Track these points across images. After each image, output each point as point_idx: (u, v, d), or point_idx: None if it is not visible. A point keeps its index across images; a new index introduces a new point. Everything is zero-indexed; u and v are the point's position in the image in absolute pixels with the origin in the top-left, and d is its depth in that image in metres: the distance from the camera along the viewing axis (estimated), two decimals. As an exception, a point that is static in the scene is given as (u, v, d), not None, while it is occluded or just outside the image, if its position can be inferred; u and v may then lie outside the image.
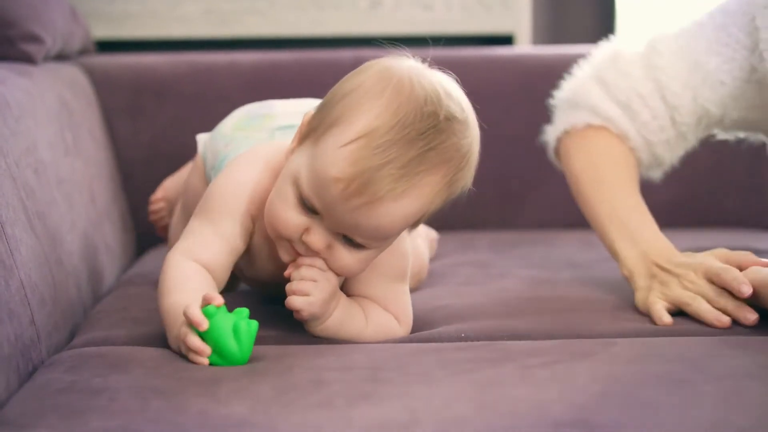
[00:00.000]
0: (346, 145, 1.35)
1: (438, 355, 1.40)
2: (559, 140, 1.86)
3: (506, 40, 2.57)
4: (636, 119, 1.78)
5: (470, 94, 2.35)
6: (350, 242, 1.41)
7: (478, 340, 1.50)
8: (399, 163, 1.34)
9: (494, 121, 2.33)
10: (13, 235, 1.49)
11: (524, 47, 2.56)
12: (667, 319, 1.55)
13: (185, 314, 1.35)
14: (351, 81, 1.42)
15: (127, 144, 2.31)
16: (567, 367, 1.33)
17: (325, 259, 1.42)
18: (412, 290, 1.73)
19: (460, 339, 1.51)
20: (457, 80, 1.48)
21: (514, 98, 2.36)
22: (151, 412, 1.20)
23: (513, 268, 1.96)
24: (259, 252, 1.53)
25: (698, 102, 1.76)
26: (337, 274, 1.44)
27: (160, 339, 1.47)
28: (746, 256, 1.57)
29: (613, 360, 1.36)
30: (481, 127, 2.33)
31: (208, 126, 2.16)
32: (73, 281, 1.71)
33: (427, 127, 1.36)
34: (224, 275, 1.49)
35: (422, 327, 1.53)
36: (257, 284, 1.63)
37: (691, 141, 1.80)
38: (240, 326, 1.36)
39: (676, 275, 1.60)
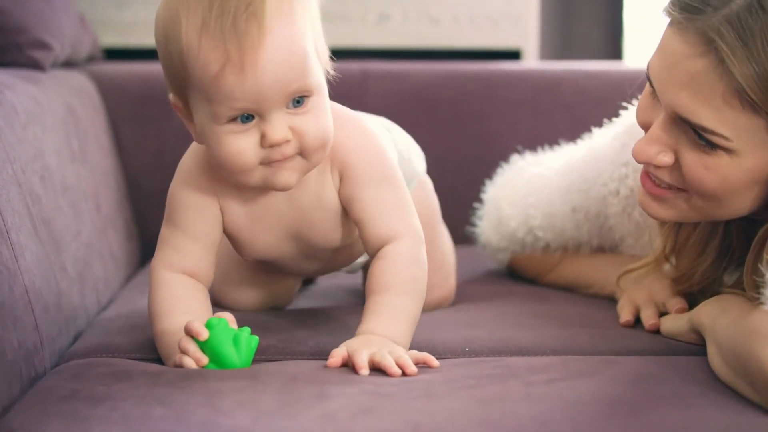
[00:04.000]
0: (197, 50, 1.34)
1: (441, 370, 1.40)
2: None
3: (513, 55, 2.57)
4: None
5: (477, 109, 2.36)
6: (298, 104, 1.38)
7: (483, 355, 1.50)
8: (242, 5, 1.34)
9: (500, 136, 2.34)
10: (18, 241, 1.49)
11: (531, 62, 2.56)
12: (623, 319, 1.64)
13: (186, 327, 1.37)
14: (158, 31, 1.41)
15: (133, 152, 2.31)
16: (570, 385, 1.33)
17: (298, 152, 1.40)
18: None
19: (464, 353, 1.51)
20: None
21: (521, 113, 2.36)
22: (154, 421, 1.21)
23: (517, 283, 1.95)
24: (246, 230, 1.52)
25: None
26: (315, 154, 1.41)
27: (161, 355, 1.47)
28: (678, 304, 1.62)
29: (616, 379, 1.36)
30: (488, 141, 2.34)
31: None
32: (77, 288, 1.71)
33: None
34: (210, 272, 1.51)
35: (426, 342, 1.53)
36: (270, 264, 1.61)
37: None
38: (240, 337, 1.37)
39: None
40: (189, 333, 1.37)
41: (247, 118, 1.37)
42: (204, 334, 1.36)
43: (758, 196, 1.42)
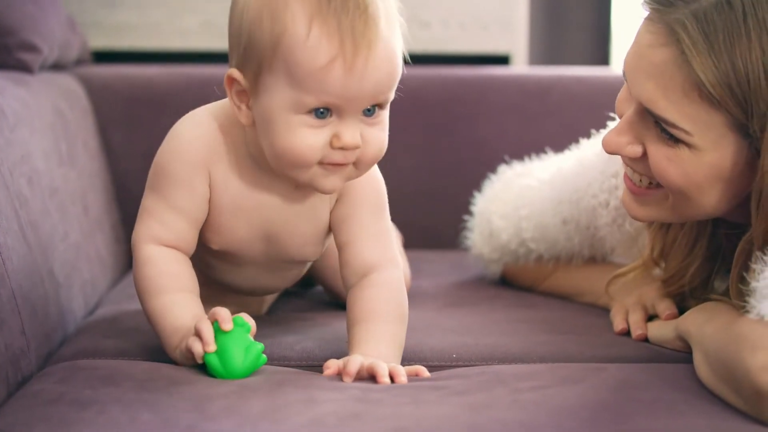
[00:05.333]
0: (306, 36, 1.34)
1: (429, 376, 1.40)
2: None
3: (503, 60, 2.58)
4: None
5: (466, 113, 2.36)
6: (370, 113, 1.39)
7: (470, 362, 1.50)
8: (361, 6, 1.35)
9: (489, 141, 2.34)
10: (6, 244, 1.49)
11: (520, 67, 2.56)
12: (617, 327, 1.63)
13: (212, 312, 1.36)
14: (249, 2, 1.39)
15: (121, 155, 2.30)
16: (557, 392, 1.33)
17: (357, 159, 1.40)
18: None
19: (451, 360, 1.51)
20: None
21: (510, 118, 2.36)
22: (140, 426, 1.20)
23: (505, 289, 1.95)
24: (227, 214, 1.49)
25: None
26: (368, 166, 1.43)
27: (150, 351, 1.47)
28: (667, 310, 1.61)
29: (603, 386, 1.36)
30: (477, 146, 2.34)
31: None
32: (64, 291, 1.71)
33: None
34: (192, 246, 1.49)
35: (414, 348, 1.53)
36: (230, 265, 1.58)
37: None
38: (253, 348, 1.36)
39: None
40: (213, 318, 1.36)
41: (323, 113, 1.37)
42: (228, 325, 1.35)
43: (725, 194, 1.43)
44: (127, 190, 2.30)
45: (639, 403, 1.30)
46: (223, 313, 1.36)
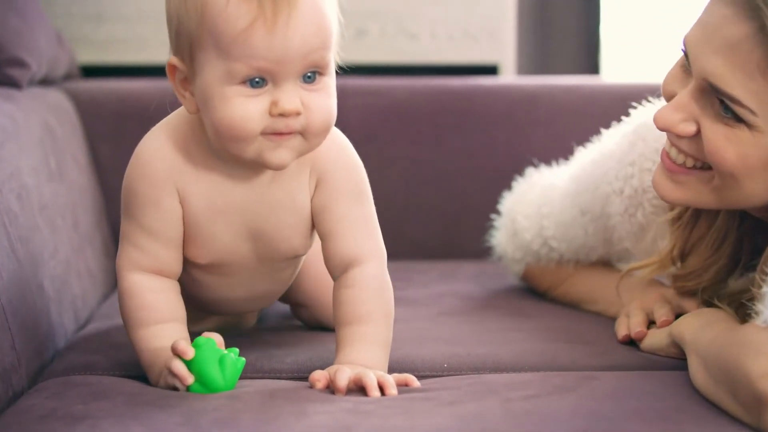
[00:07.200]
0: (227, 3, 1.33)
1: (420, 387, 1.40)
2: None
3: (491, 70, 2.58)
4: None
5: (455, 124, 2.37)
6: (310, 79, 1.37)
7: (462, 371, 1.50)
8: None
9: (478, 151, 2.34)
10: (-5, 260, 1.49)
11: (509, 77, 2.57)
12: (621, 335, 1.62)
13: (172, 346, 1.36)
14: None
15: (110, 170, 2.30)
16: (549, 402, 1.33)
17: (301, 131, 1.38)
18: None
19: (442, 369, 1.51)
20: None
21: (498, 128, 2.36)
22: (132, 441, 1.20)
23: (495, 298, 1.95)
24: (205, 223, 1.47)
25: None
26: (317, 136, 1.39)
27: (141, 366, 1.46)
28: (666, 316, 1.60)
29: (595, 395, 1.36)
30: (466, 156, 2.34)
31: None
32: (54, 306, 1.70)
33: None
34: (176, 266, 1.47)
35: (405, 358, 1.53)
36: (224, 277, 1.54)
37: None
38: (226, 358, 1.36)
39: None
40: (175, 352, 1.36)
41: (258, 83, 1.35)
42: (190, 354, 1.35)
43: None
44: (116, 204, 2.26)
45: (632, 412, 1.29)
46: (180, 345, 1.35)
